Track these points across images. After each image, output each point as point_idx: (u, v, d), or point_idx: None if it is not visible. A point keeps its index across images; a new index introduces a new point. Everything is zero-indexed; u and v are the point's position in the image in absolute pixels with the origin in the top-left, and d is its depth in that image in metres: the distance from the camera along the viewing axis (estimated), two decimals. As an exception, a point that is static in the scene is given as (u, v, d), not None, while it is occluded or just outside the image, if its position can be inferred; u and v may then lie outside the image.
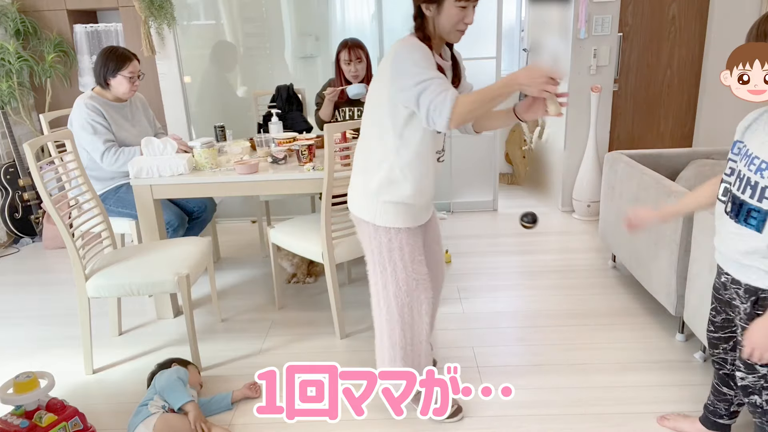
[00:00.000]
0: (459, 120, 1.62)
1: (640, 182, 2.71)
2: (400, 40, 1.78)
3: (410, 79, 1.66)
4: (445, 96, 1.61)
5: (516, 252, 3.60)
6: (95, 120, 2.84)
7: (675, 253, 2.38)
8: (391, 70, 1.71)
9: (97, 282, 2.34)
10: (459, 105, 1.61)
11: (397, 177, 1.83)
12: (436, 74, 1.66)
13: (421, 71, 1.65)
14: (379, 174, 1.85)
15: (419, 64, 1.67)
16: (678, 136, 4.61)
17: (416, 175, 1.84)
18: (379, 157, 1.84)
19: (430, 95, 1.63)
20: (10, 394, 1.87)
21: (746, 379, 1.58)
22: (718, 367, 1.81)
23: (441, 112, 1.61)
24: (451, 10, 1.70)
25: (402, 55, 1.70)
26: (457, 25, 1.75)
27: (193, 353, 2.42)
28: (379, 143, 1.83)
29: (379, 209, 1.88)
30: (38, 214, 4.10)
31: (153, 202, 2.70)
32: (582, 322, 2.72)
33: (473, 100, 1.63)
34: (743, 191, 1.45)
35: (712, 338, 1.77)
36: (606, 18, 3.85)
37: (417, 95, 1.65)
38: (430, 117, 1.65)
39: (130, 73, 2.91)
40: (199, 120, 4.24)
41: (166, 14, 3.87)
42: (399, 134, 1.79)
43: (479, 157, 4.35)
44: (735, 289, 1.54)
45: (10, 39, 4.06)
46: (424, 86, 1.64)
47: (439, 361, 2.42)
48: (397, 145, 1.80)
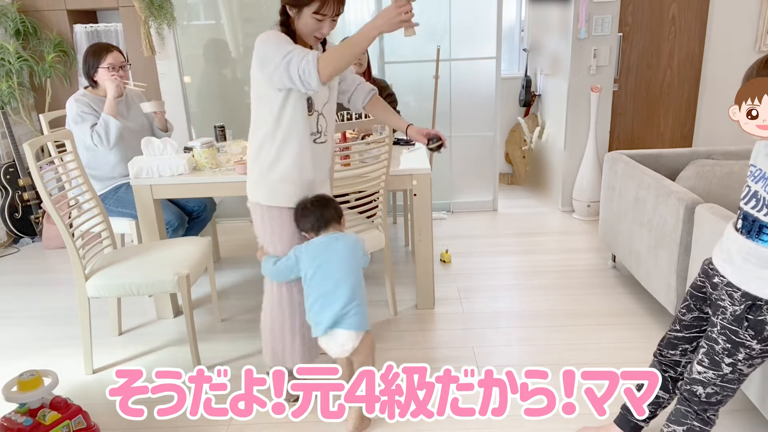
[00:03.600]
0: (327, 73, 1.76)
1: (640, 182, 2.71)
2: (262, 33, 1.89)
3: (276, 57, 1.79)
4: (308, 58, 1.76)
5: (516, 252, 3.60)
6: (83, 111, 2.84)
7: (675, 253, 2.38)
8: (257, 56, 1.85)
9: (97, 282, 2.34)
10: (322, 60, 1.76)
11: (275, 157, 1.97)
12: (294, 46, 1.80)
13: (281, 48, 1.79)
14: (262, 157, 1.98)
15: (278, 44, 1.81)
16: (678, 136, 4.61)
17: (292, 153, 1.97)
18: (260, 142, 1.98)
19: (296, 63, 1.77)
20: (14, 392, 1.88)
21: (704, 374, 1.59)
22: (664, 369, 1.80)
23: (310, 72, 1.75)
24: (308, 19, 1.85)
25: (262, 43, 1.83)
26: (313, 33, 1.90)
27: (193, 353, 2.42)
28: (260, 130, 1.97)
29: (269, 188, 2.00)
30: (38, 214, 4.10)
31: (153, 202, 2.70)
32: (582, 322, 2.72)
33: (334, 51, 1.78)
34: (759, 210, 1.47)
35: (675, 338, 1.76)
36: (606, 18, 3.85)
37: (286, 68, 1.78)
38: (304, 80, 1.78)
39: (109, 64, 2.90)
40: (199, 120, 4.24)
41: (166, 14, 3.87)
42: (276, 118, 1.93)
43: (479, 157, 4.35)
44: (729, 292, 1.55)
45: (10, 39, 4.06)
46: (288, 59, 1.78)
47: (439, 362, 2.43)
48: (274, 129, 1.95)
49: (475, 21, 4.03)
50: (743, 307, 1.51)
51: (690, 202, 2.30)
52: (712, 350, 1.57)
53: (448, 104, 4.19)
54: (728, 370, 1.55)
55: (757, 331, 1.50)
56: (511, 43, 5.15)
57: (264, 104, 1.94)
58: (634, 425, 1.86)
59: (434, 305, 2.93)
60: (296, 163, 1.98)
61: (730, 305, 1.55)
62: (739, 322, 1.52)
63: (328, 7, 1.83)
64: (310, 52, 1.78)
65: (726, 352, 1.54)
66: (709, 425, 1.63)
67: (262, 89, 1.92)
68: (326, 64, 1.76)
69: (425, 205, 2.73)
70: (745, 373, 1.56)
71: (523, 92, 4.78)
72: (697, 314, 1.71)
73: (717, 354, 1.56)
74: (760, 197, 1.46)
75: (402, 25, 1.76)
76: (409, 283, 3.21)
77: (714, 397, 1.59)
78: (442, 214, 4.32)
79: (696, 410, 1.62)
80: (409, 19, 1.75)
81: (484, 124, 4.27)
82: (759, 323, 1.49)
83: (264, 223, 2.05)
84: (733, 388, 1.58)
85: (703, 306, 1.69)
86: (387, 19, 1.74)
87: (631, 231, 2.82)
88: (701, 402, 1.61)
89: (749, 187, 1.52)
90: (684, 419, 1.64)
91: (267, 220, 2.04)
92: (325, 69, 1.75)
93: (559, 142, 4.28)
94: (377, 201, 2.68)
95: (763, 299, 1.48)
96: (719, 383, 1.58)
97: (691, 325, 1.73)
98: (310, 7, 1.82)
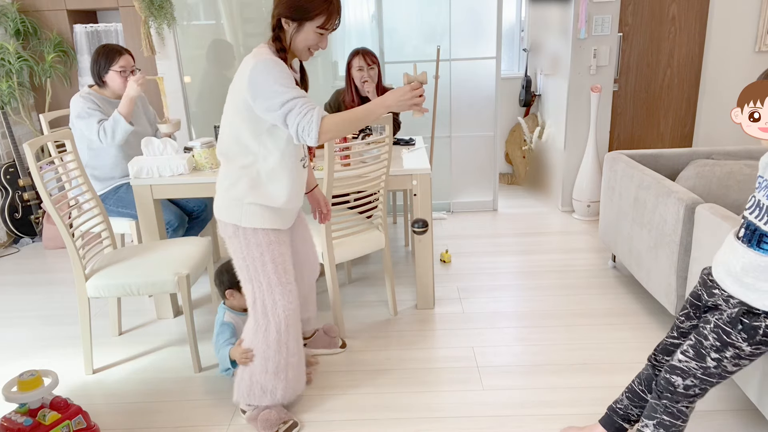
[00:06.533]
0: (327, 138, 1.73)
1: (640, 182, 2.71)
2: (254, 51, 1.81)
3: (275, 99, 1.72)
4: (311, 117, 1.71)
5: (516, 252, 3.60)
6: (89, 107, 2.83)
7: (675, 253, 2.38)
8: (250, 87, 1.74)
9: (97, 282, 2.34)
10: (325, 125, 1.72)
11: (264, 181, 1.88)
12: (297, 92, 1.74)
13: (284, 90, 1.72)
14: (244, 179, 1.88)
15: (280, 81, 1.73)
16: (678, 136, 4.62)
17: (284, 181, 1.90)
18: (243, 162, 1.87)
19: (297, 116, 1.71)
20: (14, 393, 1.88)
21: (687, 363, 1.58)
22: (657, 374, 1.78)
23: (309, 132, 1.71)
24: (309, 33, 1.81)
25: (260, 71, 1.73)
26: (311, 47, 1.85)
27: (193, 353, 2.42)
28: (241, 149, 1.86)
29: (244, 211, 1.89)
30: (38, 214, 4.10)
31: (153, 202, 2.70)
32: (582, 322, 2.72)
33: (340, 121, 1.74)
34: (761, 218, 1.47)
35: (671, 344, 1.76)
36: (606, 18, 3.85)
37: (284, 116, 1.73)
38: (300, 135, 1.73)
39: (121, 68, 2.90)
40: (199, 120, 4.24)
41: (166, 14, 3.87)
42: (262, 143, 1.84)
43: (479, 157, 4.35)
44: (725, 298, 1.56)
45: (10, 39, 4.06)
46: (289, 107, 1.71)
47: (439, 361, 2.43)
48: (261, 152, 1.85)
49: (475, 21, 4.04)
50: (738, 311, 1.52)
51: (690, 202, 2.30)
52: (699, 344, 1.57)
53: (448, 104, 4.19)
54: (712, 365, 1.55)
55: (750, 335, 1.50)
56: (511, 43, 5.16)
57: (244, 121, 1.83)
58: (619, 426, 1.86)
59: (434, 305, 2.93)
60: (290, 189, 1.92)
61: (727, 308, 1.55)
62: (733, 324, 1.52)
63: (332, 21, 1.81)
64: (314, 108, 1.72)
65: (714, 348, 1.54)
66: (679, 419, 1.60)
67: (251, 112, 1.81)
68: (328, 130, 1.72)
69: (425, 205, 2.73)
70: (729, 370, 1.55)
71: (523, 92, 4.78)
72: (696, 323, 1.70)
73: (704, 348, 1.56)
74: (762, 206, 1.47)
75: (412, 108, 1.76)
76: (409, 283, 3.21)
77: (692, 390, 1.58)
78: (442, 214, 4.32)
79: (665, 404, 1.60)
80: (420, 103, 1.75)
81: (484, 124, 4.27)
82: (753, 328, 1.50)
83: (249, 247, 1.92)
84: (713, 382, 1.57)
85: (700, 314, 1.68)
86: (399, 100, 1.73)
87: (631, 231, 2.82)
88: (676, 392, 1.59)
89: (754, 197, 1.53)
90: (654, 413, 1.63)
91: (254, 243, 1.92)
92: (326, 134, 1.72)
93: (559, 142, 4.28)
94: (377, 201, 2.68)
95: (761, 310, 1.49)
96: (700, 375, 1.56)
97: (688, 332, 1.72)
98: (314, 21, 1.78)
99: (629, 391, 1.84)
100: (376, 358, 2.49)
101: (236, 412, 2.17)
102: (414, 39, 4.10)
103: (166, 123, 2.91)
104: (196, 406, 2.22)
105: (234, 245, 1.94)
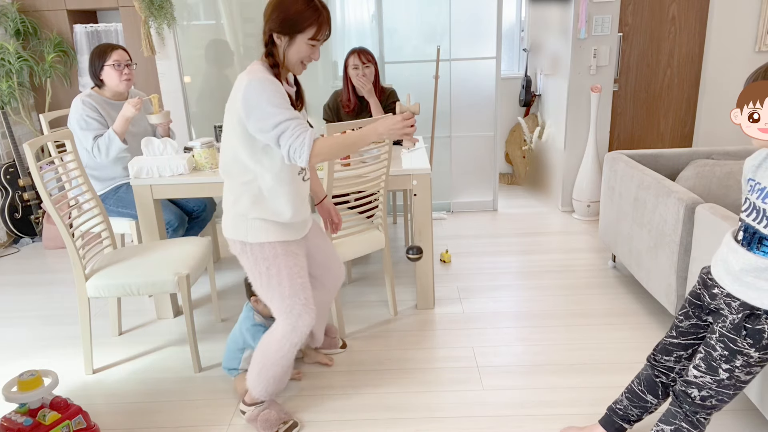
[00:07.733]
0: (317, 161, 1.75)
1: (640, 182, 2.71)
2: (248, 69, 1.81)
3: (268, 120, 1.72)
4: (303, 140, 1.72)
5: (516, 252, 3.60)
6: (89, 116, 2.84)
7: (675, 253, 2.38)
8: (244, 105, 1.74)
9: (97, 282, 2.34)
10: (316, 148, 1.73)
11: (266, 197, 1.89)
12: (291, 114, 1.74)
13: (278, 112, 1.72)
14: (247, 195, 1.89)
15: (273, 102, 1.73)
16: (678, 136, 4.62)
17: (286, 196, 1.89)
18: (243, 179, 1.88)
19: (289, 139, 1.72)
20: (14, 393, 1.88)
21: (701, 378, 1.59)
22: (657, 374, 1.79)
23: (300, 155, 1.72)
24: (301, 46, 1.81)
25: (254, 91, 1.73)
26: (304, 60, 1.86)
27: (193, 353, 2.42)
28: (239, 167, 1.87)
29: (249, 226, 1.90)
30: (38, 214, 4.10)
31: (153, 202, 2.70)
32: (582, 322, 2.72)
33: (332, 145, 1.75)
34: (759, 222, 1.47)
35: (670, 344, 1.76)
36: (606, 18, 3.85)
37: (276, 137, 1.74)
38: (291, 157, 1.75)
39: (115, 61, 2.90)
40: (199, 120, 4.24)
41: (166, 14, 3.87)
42: (258, 161, 1.84)
43: (479, 157, 4.35)
44: (727, 301, 1.56)
45: (10, 39, 4.06)
46: (282, 128, 1.72)
47: (439, 362, 2.43)
48: (259, 170, 1.86)
49: (475, 21, 4.04)
50: (741, 316, 1.52)
51: (690, 202, 2.30)
52: (709, 356, 1.57)
53: (448, 104, 4.19)
54: (725, 376, 1.55)
55: (755, 340, 1.50)
56: (511, 43, 5.15)
57: (239, 139, 1.82)
58: (619, 426, 1.86)
59: (434, 305, 2.93)
60: (293, 204, 1.91)
61: (729, 314, 1.55)
62: (737, 331, 1.52)
63: (323, 31, 1.81)
64: (307, 130, 1.73)
65: (723, 359, 1.54)
66: (697, 428, 1.61)
67: (246, 130, 1.80)
68: (320, 152, 1.73)
69: (425, 205, 2.73)
70: (743, 380, 1.56)
71: (523, 92, 4.78)
72: (695, 321, 1.70)
73: (714, 360, 1.56)
74: (760, 209, 1.47)
75: (403, 138, 1.78)
76: (409, 283, 3.21)
77: (708, 401, 1.58)
78: (442, 214, 4.32)
79: (686, 411, 1.61)
80: (411, 133, 1.77)
81: (484, 124, 4.27)
82: (757, 332, 1.49)
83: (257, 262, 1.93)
84: (729, 393, 1.57)
85: (701, 314, 1.68)
86: (390, 129, 1.75)
87: (631, 231, 2.82)
88: (694, 404, 1.60)
89: (748, 199, 1.52)
90: (673, 419, 1.64)
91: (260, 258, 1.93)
92: (317, 156, 1.73)
93: (559, 142, 4.28)
94: (377, 201, 2.68)
95: (761, 309, 1.49)
96: (715, 388, 1.57)
97: (687, 332, 1.72)
98: (305, 33, 1.78)
99: (629, 391, 1.84)
100: (376, 358, 2.49)
101: (236, 412, 2.17)
102: (414, 39, 4.10)
103: (155, 114, 2.92)
104: (196, 406, 2.22)
105: (243, 262, 1.96)
